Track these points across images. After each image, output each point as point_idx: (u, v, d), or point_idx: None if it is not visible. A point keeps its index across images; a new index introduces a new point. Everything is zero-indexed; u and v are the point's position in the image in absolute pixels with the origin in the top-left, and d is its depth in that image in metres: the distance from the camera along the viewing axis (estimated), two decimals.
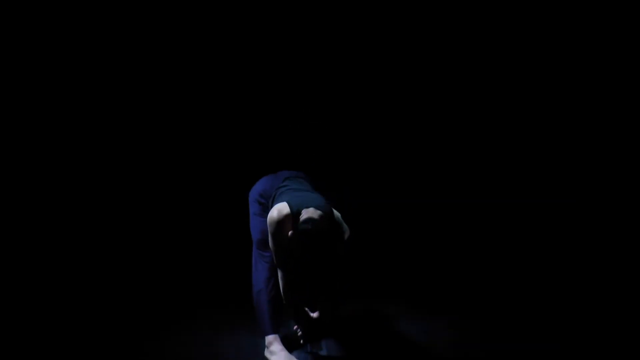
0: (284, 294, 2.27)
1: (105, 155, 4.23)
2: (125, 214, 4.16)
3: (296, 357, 2.29)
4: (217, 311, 2.92)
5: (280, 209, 2.19)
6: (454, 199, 4.35)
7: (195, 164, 4.28)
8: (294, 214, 2.15)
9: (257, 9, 4.20)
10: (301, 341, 2.34)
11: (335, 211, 2.29)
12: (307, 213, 2.14)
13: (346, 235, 2.28)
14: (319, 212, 2.15)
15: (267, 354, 2.33)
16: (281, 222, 2.17)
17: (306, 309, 2.37)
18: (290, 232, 2.14)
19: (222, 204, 3.85)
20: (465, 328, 2.66)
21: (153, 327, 2.72)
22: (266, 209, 2.41)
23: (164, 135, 4.32)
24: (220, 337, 2.57)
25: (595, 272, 3.24)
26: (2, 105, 4.02)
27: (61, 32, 4.09)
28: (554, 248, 3.72)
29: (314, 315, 2.30)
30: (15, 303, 2.97)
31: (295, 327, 2.38)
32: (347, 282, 2.40)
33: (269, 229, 2.21)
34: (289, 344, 2.38)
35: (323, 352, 2.39)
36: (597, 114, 4.28)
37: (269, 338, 2.34)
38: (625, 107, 4.22)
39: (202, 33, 4.25)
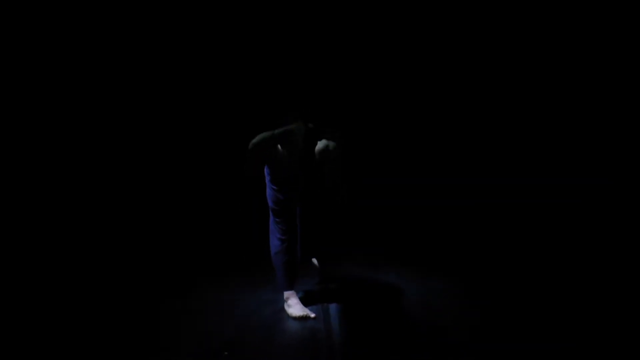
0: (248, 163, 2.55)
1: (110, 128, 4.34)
2: (154, 183, 4.39)
3: (309, 310, 2.64)
4: (241, 272, 3.29)
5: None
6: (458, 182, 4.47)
7: (214, 133, 4.44)
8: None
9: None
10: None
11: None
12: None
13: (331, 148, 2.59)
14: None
15: (285, 306, 2.69)
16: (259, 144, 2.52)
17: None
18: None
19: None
20: (460, 290, 2.97)
21: (187, 285, 3.09)
22: None
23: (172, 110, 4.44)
24: (245, 294, 2.93)
25: (601, 271, 3.23)
26: (2, 105, 4.03)
27: (61, 32, 4.11)
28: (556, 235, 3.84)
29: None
30: (39, 273, 3.27)
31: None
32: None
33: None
34: (304, 300, 2.75)
35: (332, 309, 2.73)
36: (609, 115, 4.31)
37: (287, 293, 2.71)
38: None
39: (197, 29, 4.29)
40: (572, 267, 3.27)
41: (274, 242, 2.73)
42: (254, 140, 2.52)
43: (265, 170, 2.75)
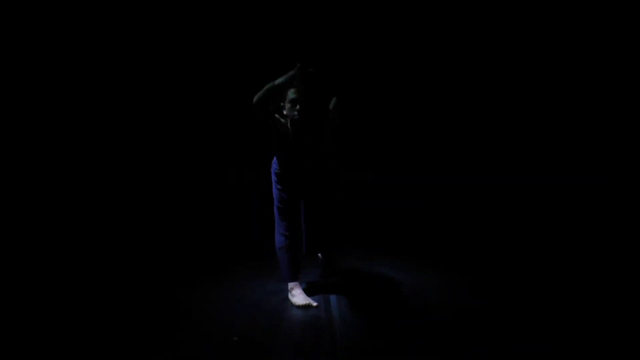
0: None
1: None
2: (167, 179, 4.53)
3: (311, 299, 2.83)
4: (248, 265, 3.45)
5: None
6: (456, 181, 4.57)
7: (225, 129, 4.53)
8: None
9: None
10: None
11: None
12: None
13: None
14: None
15: (289, 296, 2.88)
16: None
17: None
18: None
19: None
20: (457, 285, 3.09)
21: (197, 276, 3.27)
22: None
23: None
24: (252, 284, 3.11)
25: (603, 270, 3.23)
26: (2, 105, 4.08)
27: (61, 32, 4.15)
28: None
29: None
30: (54, 269, 3.38)
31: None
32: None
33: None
34: (307, 290, 2.94)
35: (333, 298, 2.91)
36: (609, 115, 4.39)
37: (291, 284, 2.90)
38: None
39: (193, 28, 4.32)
40: (571, 266, 3.30)
41: (279, 237, 2.91)
42: (258, 94, 2.63)
43: (272, 169, 2.89)
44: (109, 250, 3.76)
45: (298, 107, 2.71)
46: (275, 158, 2.88)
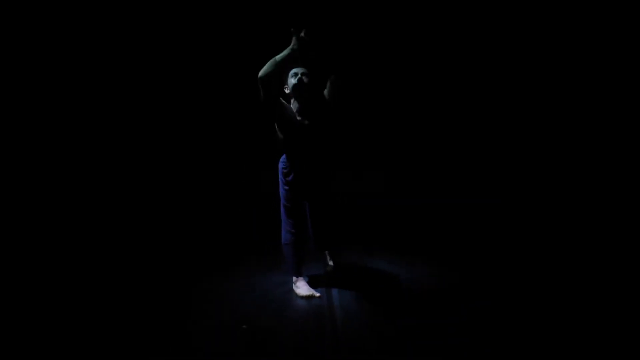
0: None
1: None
2: (172, 179, 4.62)
3: (314, 290, 3.01)
4: (256, 258, 3.62)
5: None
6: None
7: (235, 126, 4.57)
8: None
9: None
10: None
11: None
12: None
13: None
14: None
15: (294, 287, 3.07)
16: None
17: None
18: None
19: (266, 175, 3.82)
20: (455, 283, 3.16)
21: (202, 273, 3.41)
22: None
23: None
24: (259, 277, 3.28)
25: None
26: (2, 105, 4.01)
27: (61, 32, 4.13)
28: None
29: None
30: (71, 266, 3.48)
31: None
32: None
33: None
34: (310, 283, 3.12)
35: (335, 290, 3.09)
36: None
37: (295, 278, 3.10)
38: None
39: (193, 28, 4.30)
40: (571, 266, 3.31)
41: (285, 234, 3.08)
42: (262, 69, 2.66)
43: (279, 168, 3.04)
44: (118, 248, 3.87)
45: (299, 76, 2.78)
46: (283, 157, 3.00)
